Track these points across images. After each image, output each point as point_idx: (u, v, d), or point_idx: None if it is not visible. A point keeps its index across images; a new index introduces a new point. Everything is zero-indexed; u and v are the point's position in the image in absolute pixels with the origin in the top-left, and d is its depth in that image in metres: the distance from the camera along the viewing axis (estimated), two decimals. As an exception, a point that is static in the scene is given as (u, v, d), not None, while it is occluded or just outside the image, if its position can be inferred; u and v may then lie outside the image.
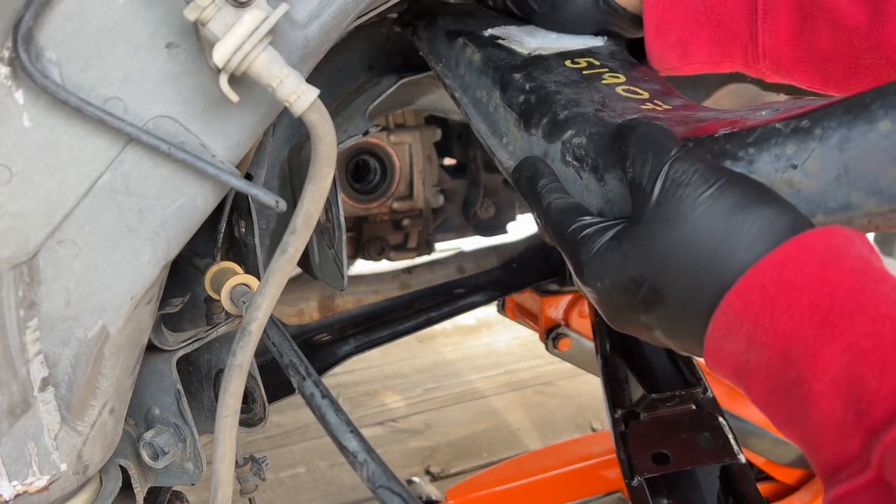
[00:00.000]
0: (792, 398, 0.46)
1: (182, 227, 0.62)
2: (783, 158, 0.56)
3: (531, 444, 2.15)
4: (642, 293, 0.54)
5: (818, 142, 0.55)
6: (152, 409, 0.79)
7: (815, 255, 0.47)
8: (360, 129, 0.95)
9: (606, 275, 0.56)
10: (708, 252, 0.51)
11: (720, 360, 0.51)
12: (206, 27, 0.52)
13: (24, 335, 0.61)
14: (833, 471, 0.44)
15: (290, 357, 0.73)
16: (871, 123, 0.53)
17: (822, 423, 0.44)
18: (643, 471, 1.18)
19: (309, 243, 0.96)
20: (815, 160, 0.55)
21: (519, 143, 0.74)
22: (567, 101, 0.71)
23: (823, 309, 0.45)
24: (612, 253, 0.56)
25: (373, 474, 0.64)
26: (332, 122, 0.56)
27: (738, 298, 0.49)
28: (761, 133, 0.57)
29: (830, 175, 0.54)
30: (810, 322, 0.46)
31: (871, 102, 0.53)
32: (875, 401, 0.42)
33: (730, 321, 0.49)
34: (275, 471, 2.01)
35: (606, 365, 1.37)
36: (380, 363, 2.55)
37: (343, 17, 0.62)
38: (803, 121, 0.55)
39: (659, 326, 0.55)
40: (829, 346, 0.44)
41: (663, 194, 0.53)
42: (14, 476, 0.66)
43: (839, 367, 0.44)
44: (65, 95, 0.54)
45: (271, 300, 0.64)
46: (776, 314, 0.47)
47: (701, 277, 0.51)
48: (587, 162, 0.66)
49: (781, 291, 0.47)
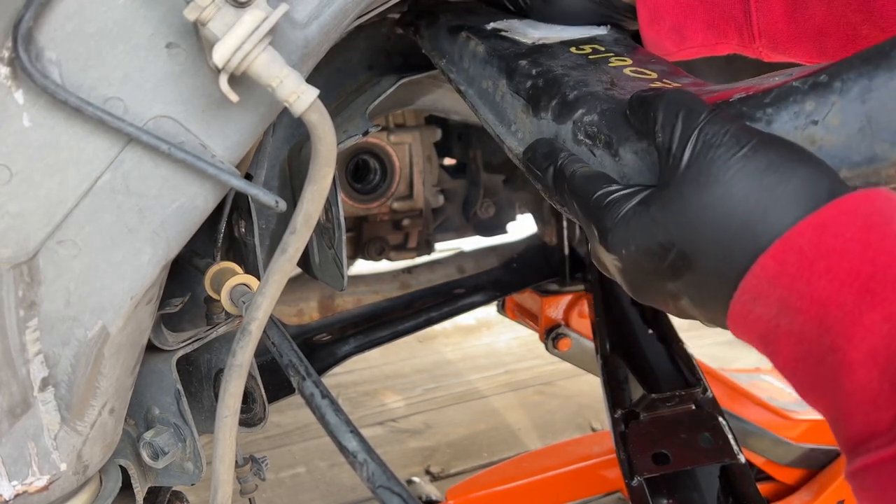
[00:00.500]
0: (824, 366, 0.45)
1: (182, 227, 0.62)
2: (803, 115, 0.54)
3: (531, 445, 2.15)
4: (670, 259, 0.53)
5: (838, 95, 0.53)
6: (152, 409, 0.79)
7: (857, 219, 0.46)
8: (360, 129, 0.95)
9: (633, 240, 0.55)
10: (741, 214, 0.49)
11: (747, 325, 0.50)
12: (206, 27, 0.52)
13: (24, 335, 0.61)
14: (861, 441, 0.43)
15: (289, 357, 0.73)
16: (893, 71, 0.51)
17: (855, 393, 0.43)
18: (643, 471, 1.18)
19: (309, 243, 0.96)
20: (836, 114, 0.53)
21: (528, 129, 0.73)
22: (576, 82, 0.70)
23: (865, 275, 0.44)
24: (640, 217, 0.54)
25: (372, 474, 0.64)
26: (332, 122, 0.56)
27: (773, 261, 0.47)
28: (778, 93, 0.56)
29: (853, 128, 0.53)
30: (850, 288, 0.44)
31: (890, 50, 0.51)
32: None
33: (762, 285, 0.48)
34: (275, 471, 2.01)
35: (606, 365, 1.37)
36: (380, 363, 2.56)
37: (343, 17, 0.62)
38: (821, 76, 0.54)
39: (686, 294, 0.54)
40: (869, 314, 0.43)
41: (694, 157, 0.52)
42: (14, 476, 0.66)
43: (878, 336, 0.42)
44: (65, 95, 0.54)
45: (271, 300, 0.64)
46: (813, 278, 0.45)
47: (733, 241, 0.50)
48: (600, 139, 0.65)
49: (821, 255, 0.45)
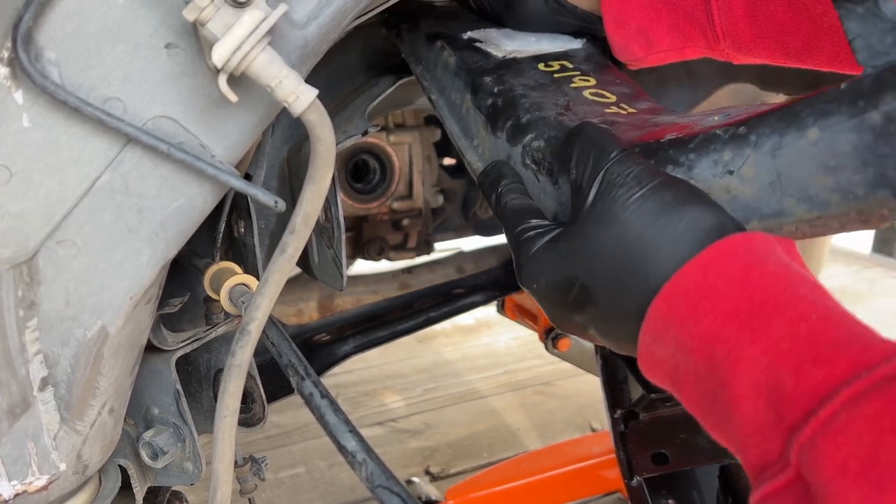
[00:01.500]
0: (718, 401, 0.46)
1: (181, 227, 0.62)
2: (721, 164, 0.57)
3: (531, 445, 2.15)
4: (574, 293, 0.55)
5: (753, 148, 0.55)
6: (151, 409, 0.79)
7: (736, 259, 0.48)
8: (360, 129, 0.95)
9: (542, 275, 0.58)
10: (635, 252, 0.52)
11: (653, 366, 0.52)
12: (205, 27, 0.52)
13: (23, 335, 0.61)
14: (758, 471, 0.44)
15: (289, 357, 0.73)
16: (801, 131, 0.53)
17: (745, 426, 0.45)
18: (642, 471, 1.18)
19: (308, 243, 0.96)
20: (751, 166, 0.56)
21: (487, 146, 0.75)
22: (531, 104, 0.72)
23: (744, 312, 0.46)
24: (548, 253, 0.57)
25: (371, 474, 0.64)
26: (331, 123, 0.56)
27: (664, 303, 0.49)
28: (701, 139, 0.58)
29: (764, 181, 0.55)
30: (731, 325, 0.46)
31: (801, 111, 0.54)
32: (792, 401, 0.42)
33: (658, 326, 0.50)
34: (274, 471, 2.01)
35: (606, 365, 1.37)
36: (379, 363, 2.56)
37: (342, 18, 0.62)
38: (741, 127, 0.56)
39: (592, 326, 0.56)
40: (750, 349, 0.45)
41: (599, 195, 0.54)
42: (13, 476, 0.66)
43: (759, 369, 0.44)
44: (64, 96, 0.54)
45: (270, 300, 0.64)
46: (699, 318, 0.47)
47: (628, 277, 0.52)
48: (544, 165, 0.67)
49: (704, 295, 0.48)
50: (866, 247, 3.71)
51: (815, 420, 0.40)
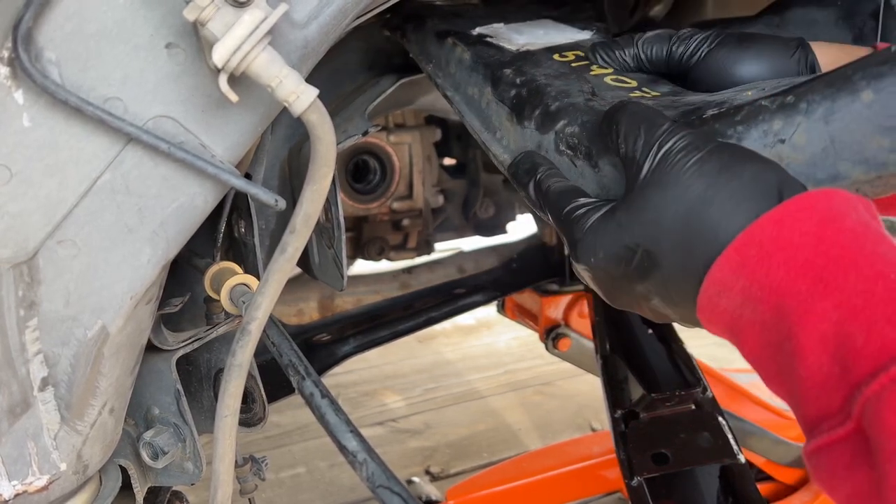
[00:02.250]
0: (782, 352, 0.47)
1: (182, 227, 0.62)
2: (771, 134, 0.57)
3: (531, 445, 2.15)
4: (637, 259, 0.55)
5: (804, 115, 0.55)
6: (152, 409, 0.79)
7: (814, 214, 0.48)
8: (360, 129, 0.95)
9: (600, 247, 0.57)
10: (699, 211, 0.52)
11: (714, 317, 0.51)
12: (205, 27, 0.52)
13: (23, 335, 0.61)
14: (815, 423, 0.45)
15: (289, 357, 0.73)
16: (854, 94, 0.54)
17: (808, 377, 0.45)
18: (643, 471, 1.18)
19: (308, 243, 0.96)
20: (802, 133, 0.56)
21: (512, 137, 0.74)
22: (558, 92, 0.71)
23: (818, 266, 0.46)
24: (606, 224, 0.57)
25: (372, 474, 0.64)
26: (332, 122, 0.56)
27: (736, 253, 0.49)
28: (749, 111, 0.58)
29: (817, 147, 0.55)
30: (804, 278, 0.46)
31: (852, 74, 0.54)
32: (860, 357, 0.42)
33: (726, 277, 0.50)
34: (274, 471, 2.01)
35: (606, 365, 1.37)
36: (379, 363, 2.56)
37: (342, 17, 0.62)
38: (788, 96, 0.56)
39: (656, 293, 0.56)
40: (821, 303, 0.45)
41: (655, 164, 0.55)
42: (14, 476, 0.66)
43: (829, 323, 0.44)
44: (64, 95, 0.54)
45: (271, 300, 0.64)
46: (772, 269, 0.47)
47: (693, 236, 0.52)
48: (580, 150, 0.66)
49: (779, 247, 0.47)
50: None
51: (884, 376, 0.41)
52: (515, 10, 0.95)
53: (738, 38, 0.69)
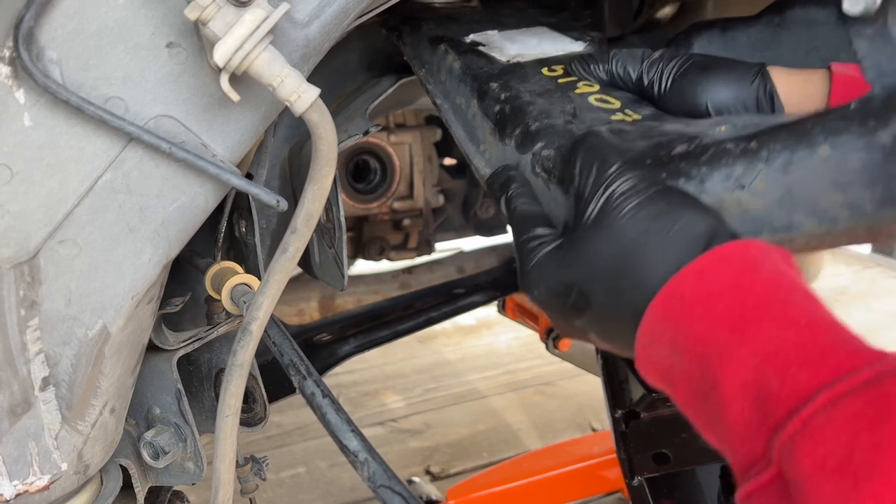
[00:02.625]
0: (709, 402, 0.48)
1: (183, 227, 0.62)
2: (732, 178, 0.57)
3: (531, 445, 2.15)
4: (572, 298, 0.57)
5: (764, 163, 0.56)
6: (153, 409, 0.79)
7: (732, 266, 0.49)
8: (361, 129, 0.95)
9: (542, 282, 0.60)
10: (630, 257, 0.53)
11: (650, 367, 0.53)
12: (206, 27, 0.52)
13: (24, 334, 0.61)
14: (744, 470, 0.46)
15: (290, 357, 0.73)
16: (813, 148, 0.54)
17: (733, 424, 0.46)
18: (643, 471, 1.18)
19: (309, 243, 0.96)
20: (762, 181, 0.56)
21: (494, 152, 0.75)
22: (539, 112, 0.72)
23: (735, 315, 0.47)
24: (550, 261, 0.59)
25: (374, 474, 0.64)
26: (333, 122, 0.56)
27: (660, 307, 0.51)
28: (713, 153, 0.59)
29: (775, 196, 0.56)
30: (723, 328, 0.47)
31: (812, 128, 0.55)
32: (777, 401, 0.44)
33: (654, 329, 0.51)
34: (275, 471, 2.01)
35: (606, 364, 1.37)
36: (380, 363, 2.56)
37: (344, 17, 0.62)
38: (752, 142, 0.57)
39: (592, 330, 0.58)
40: (739, 351, 0.46)
41: (600, 206, 0.56)
42: (15, 475, 0.66)
43: (747, 370, 0.46)
44: (66, 95, 0.54)
45: (272, 300, 0.64)
46: (693, 321, 0.49)
47: (624, 283, 0.54)
48: (554, 174, 0.67)
49: (699, 299, 0.49)
50: (866, 247, 3.71)
51: (796, 419, 0.42)
52: (512, 14, 0.95)
53: (700, 67, 0.70)
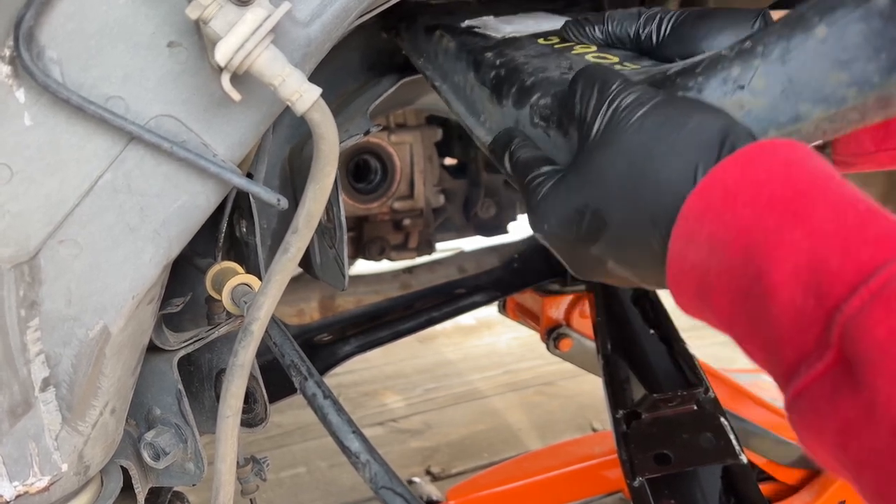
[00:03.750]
0: (752, 299, 0.44)
1: (183, 227, 0.62)
2: (730, 81, 0.56)
3: (532, 445, 2.15)
4: (586, 222, 0.54)
5: (760, 58, 0.55)
6: (153, 410, 0.79)
7: (778, 157, 0.46)
8: (362, 129, 0.95)
9: (552, 213, 0.56)
10: (641, 164, 0.51)
11: (683, 277, 0.49)
12: (207, 26, 0.51)
13: (25, 335, 0.61)
14: (793, 370, 0.42)
15: (291, 357, 0.73)
16: (809, 31, 0.53)
17: (781, 316, 0.42)
18: (645, 471, 1.18)
19: (310, 243, 0.96)
20: (760, 77, 0.55)
21: (494, 118, 0.75)
22: (534, 69, 0.72)
23: (786, 199, 0.44)
24: (557, 190, 0.56)
25: (375, 475, 0.64)
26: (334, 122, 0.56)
27: (699, 199, 0.47)
28: (708, 61, 0.57)
29: (776, 90, 0.55)
30: (772, 213, 0.44)
31: (806, 11, 0.53)
32: (836, 280, 0.40)
33: (690, 226, 0.47)
34: (275, 471, 2.01)
35: (608, 365, 1.37)
36: (380, 363, 2.55)
37: (345, 16, 0.62)
38: (746, 42, 0.56)
39: (610, 254, 0.55)
40: (791, 233, 0.42)
41: (604, 123, 0.54)
42: (15, 476, 0.66)
43: (801, 252, 0.42)
44: (66, 94, 0.54)
45: (273, 300, 0.64)
46: (737, 209, 0.45)
47: (637, 190, 0.51)
48: (553, 119, 0.66)
49: (743, 188, 0.45)
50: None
51: (864, 290, 0.38)
52: (509, 7, 0.95)
53: (699, 15, 0.68)
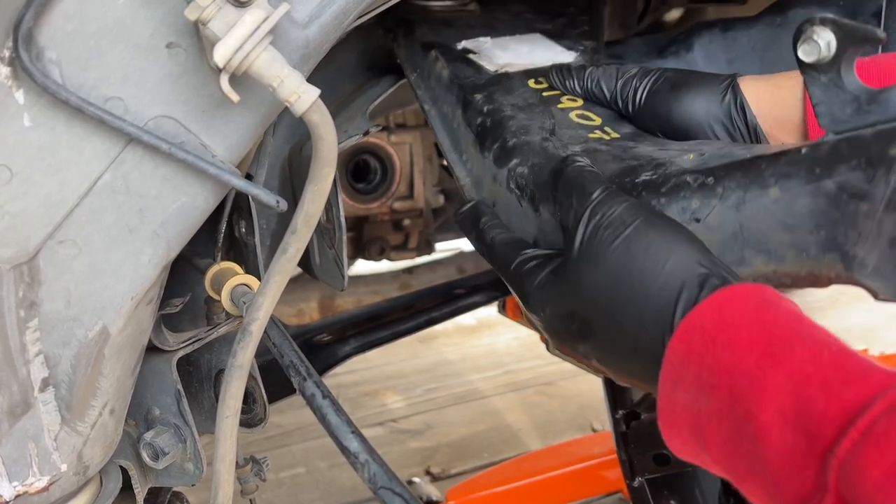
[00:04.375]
0: (745, 439, 0.45)
1: (182, 227, 0.62)
2: (689, 211, 0.60)
3: (532, 445, 2.15)
4: (576, 324, 0.58)
5: (719, 200, 0.58)
6: (153, 410, 0.79)
7: (750, 301, 0.49)
8: (361, 129, 0.95)
9: (547, 305, 0.60)
10: (626, 291, 0.54)
11: (676, 419, 0.50)
12: (206, 27, 0.52)
13: (24, 335, 0.61)
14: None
15: (290, 358, 0.73)
16: (764, 189, 0.56)
17: (775, 458, 0.43)
18: (644, 471, 1.18)
19: (309, 243, 0.96)
20: (716, 216, 0.58)
21: (475, 163, 0.78)
22: (518, 127, 0.74)
23: (763, 342, 0.46)
24: (550, 286, 0.60)
25: (374, 475, 0.64)
26: (333, 122, 0.56)
27: (680, 342, 0.50)
28: (673, 185, 0.61)
29: (728, 231, 0.58)
30: (752, 355, 0.46)
31: (765, 169, 0.56)
32: (824, 420, 0.41)
33: (676, 369, 0.50)
34: (275, 471, 2.01)
35: (607, 365, 1.37)
36: (380, 363, 2.55)
37: (344, 17, 0.62)
38: (709, 178, 0.59)
39: (594, 356, 0.59)
40: (772, 376, 0.44)
41: (586, 237, 0.57)
42: (14, 476, 0.66)
43: (784, 393, 0.43)
44: (65, 95, 0.54)
45: (272, 300, 0.64)
46: (717, 351, 0.47)
47: (624, 318, 0.54)
48: (526, 192, 0.69)
49: (721, 330, 0.48)
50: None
51: (853, 431, 0.39)
52: (508, 19, 0.95)
53: (671, 84, 0.71)
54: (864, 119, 0.53)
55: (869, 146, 0.51)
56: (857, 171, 0.51)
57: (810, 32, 0.54)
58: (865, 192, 0.51)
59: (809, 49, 0.54)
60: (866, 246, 0.51)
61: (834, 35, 0.53)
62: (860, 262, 0.52)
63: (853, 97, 0.53)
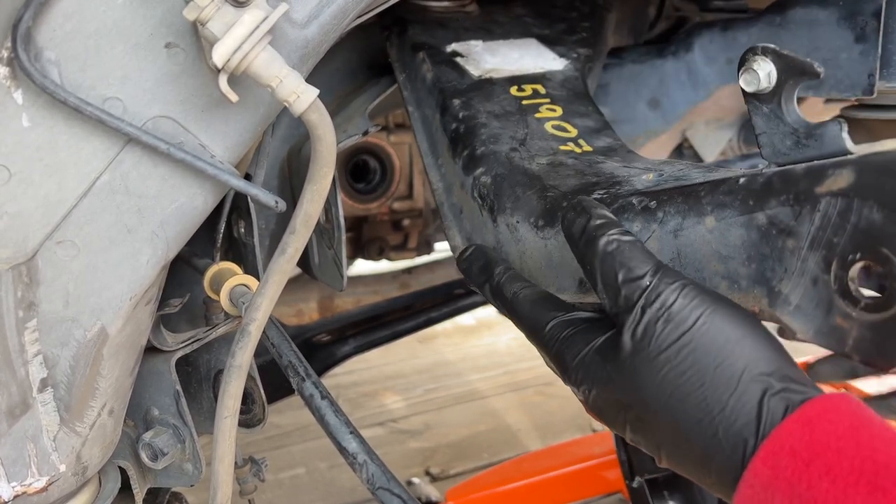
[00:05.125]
0: None
1: (181, 228, 0.62)
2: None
3: (531, 445, 2.15)
4: (629, 416, 0.53)
5: (658, 224, 0.58)
6: (151, 410, 0.79)
7: (842, 418, 0.45)
8: (360, 129, 0.95)
9: (594, 386, 0.55)
10: (694, 398, 0.49)
11: None
12: (205, 27, 0.51)
13: (22, 336, 0.61)
14: None
15: (289, 358, 0.73)
16: (701, 218, 0.56)
17: None
18: (644, 471, 1.18)
19: (308, 244, 0.96)
20: (655, 241, 0.59)
21: (448, 168, 0.78)
22: (488, 136, 0.74)
23: (868, 472, 0.42)
24: (597, 368, 0.55)
25: (372, 475, 0.64)
26: (332, 122, 0.56)
27: (765, 465, 0.45)
28: (619, 206, 0.61)
29: (666, 256, 0.58)
30: (856, 488, 0.42)
31: (703, 196, 0.56)
32: None
33: (759, 494, 0.45)
34: (274, 472, 2.01)
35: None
36: (380, 364, 2.55)
37: (343, 17, 0.61)
38: (652, 201, 0.59)
39: (645, 447, 0.54)
40: None
41: (640, 328, 0.51)
42: (13, 477, 0.66)
43: None
44: (64, 95, 0.54)
45: (270, 301, 0.64)
46: (813, 480, 0.43)
47: (685, 427, 0.50)
48: (487, 201, 0.70)
49: (815, 454, 0.43)
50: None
51: None
52: (506, 22, 0.95)
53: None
54: (802, 153, 0.52)
55: (798, 182, 0.50)
56: (785, 207, 0.51)
57: (751, 62, 0.53)
58: (792, 229, 0.50)
59: (750, 79, 0.53)
60: (790, 283, 0.51)
61: (774, 66, 0.52)
62: (784, 298, 0.51)
63: (792, 129, 0.53)
